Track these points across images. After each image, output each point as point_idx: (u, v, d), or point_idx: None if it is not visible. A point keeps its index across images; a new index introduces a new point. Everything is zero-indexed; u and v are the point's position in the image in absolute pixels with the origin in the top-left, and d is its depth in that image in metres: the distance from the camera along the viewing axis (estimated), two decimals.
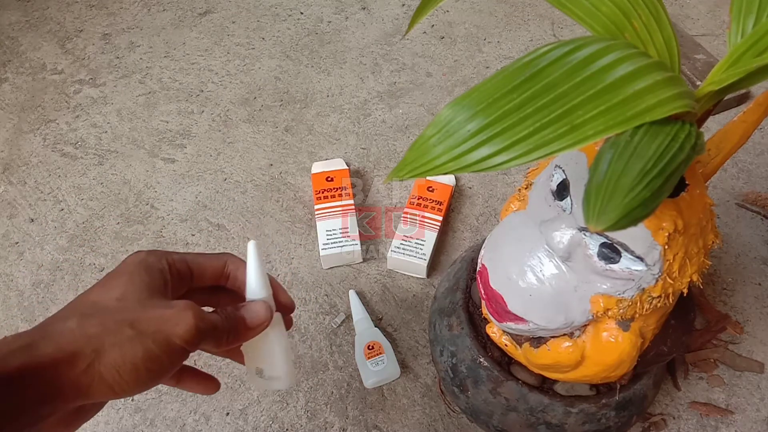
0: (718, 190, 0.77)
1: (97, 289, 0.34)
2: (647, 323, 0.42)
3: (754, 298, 0.68)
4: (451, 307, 0.53)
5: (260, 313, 0.37)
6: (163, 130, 0.85)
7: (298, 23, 0.99)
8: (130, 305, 0.32)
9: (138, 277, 0.34)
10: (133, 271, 0.34)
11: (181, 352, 0.33)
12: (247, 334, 0.37)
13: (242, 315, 0.37)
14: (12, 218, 0.77)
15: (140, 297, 0.33)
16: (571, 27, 0.97)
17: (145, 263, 0.35)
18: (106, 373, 0.30)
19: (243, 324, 0.36)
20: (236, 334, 0.36)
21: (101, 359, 0.30)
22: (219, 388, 0.41)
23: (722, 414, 0.60)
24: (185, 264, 0.37)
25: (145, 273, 0.34)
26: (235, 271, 0.39)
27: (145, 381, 0.32)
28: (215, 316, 0.35)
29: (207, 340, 0.34)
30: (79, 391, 0.30)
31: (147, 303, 0.33)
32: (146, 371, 0.31)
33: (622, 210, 0.25)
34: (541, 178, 0.43)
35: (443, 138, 0.28)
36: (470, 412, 0.52)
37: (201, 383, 0.41)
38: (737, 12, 0.35)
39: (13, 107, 0.88)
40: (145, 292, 0.33)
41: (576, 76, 0.28)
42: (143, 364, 0.31)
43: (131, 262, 0.35)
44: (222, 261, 0.39)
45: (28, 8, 1.02)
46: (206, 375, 0.41)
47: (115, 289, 0.33)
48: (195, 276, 0.38)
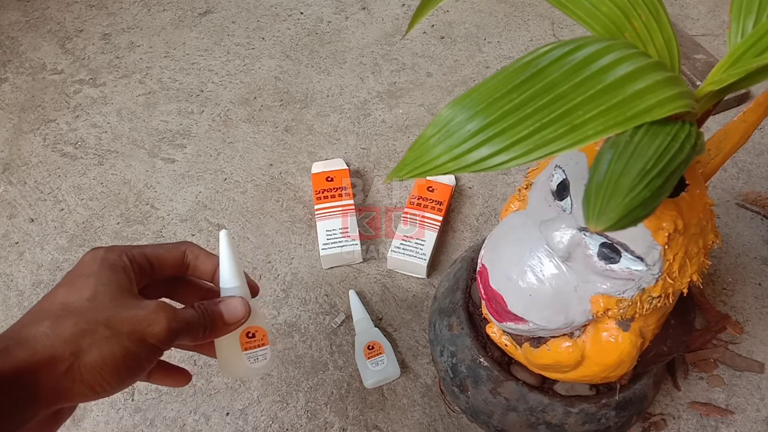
0: (718, 190, 0.77)
1: (63, 290, 0.33)
2: (647, 323, 0.42)
3: (754, 298, 0.68)
4: (451, 307, 0.53)
5: (238, 310, 0.37)
6: (163, 130, 0.85)
7: (298, 23, 0.99)
8: (102, 305, 0.32)
9: (105, 277, 0.34)
10: (99, 271, 0.34)
11: (156, 351, 0.33)
12: (224, 330, 0.37)
13: (219, 310, 0.37)
14: (12, 218, 0.77)
15: (111, 297, 0.33)
16: (571, 27, 0.97)
17: (107, 261, 0.35)
18: (87, 374, 0.30)
19: (221, 319, 0.37)
20: (213, 330, 0.36)
21: (81, 361, 0.30)
22: (190, 380, 0.41)
23: (722, 414, 0.61)
24: (144, 258, 0.37)
25: (110, 271, 0.34)
26: (194, 260, 0.39)
27: (125, 378, 0.32)
28: (190, 312, 0.35)
29: (182, 336, 0.34)
30: (59, 394, 0.30)
31: (119, 303, 0.33)
32: (126, 369, 0.32)
33: (622, 210, 0.25)
34: (541, 178, 0.43)
35: (443, 138, 0.28)
36: (470, 412, 0.52)
37: (171, 376, 0.40)
38: (737, 12, 0.35)
39: (13, 107, 0.88)
40: (116, 292, 0.33)
41: (576, 76, 0.28)
42: (123, 362, 0.31)
43: (92, 260, 0.35)
44: (180, 251, 0.39)
45: (28, 8, 1.02)
46: (176, 368, 0.41)
47: (84, 289, 0.33)
48: (155, 268, 0.38)
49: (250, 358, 0.39)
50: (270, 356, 0.40)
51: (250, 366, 0.39)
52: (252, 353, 0.39)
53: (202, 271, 0.40)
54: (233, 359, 0.39)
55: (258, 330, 0.39)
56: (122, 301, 0.33)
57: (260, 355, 0.40)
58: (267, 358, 0.40)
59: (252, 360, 0.39)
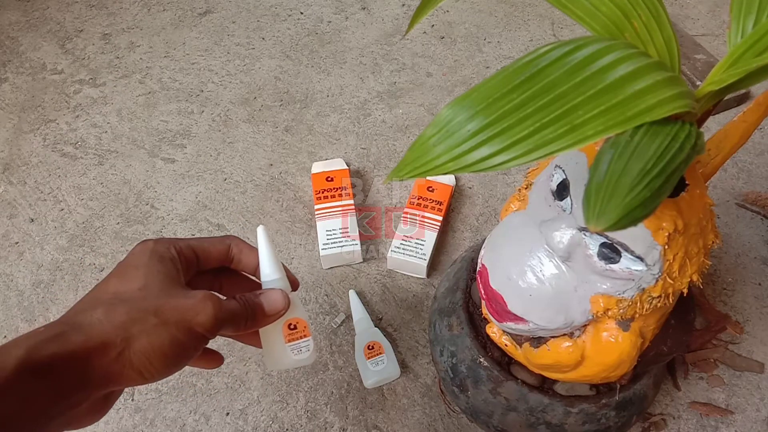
0: (718, 190, 0.77)
1: (115, 280, 0.35)
2: (647, 323, 0.42)
3: (754, 298, 0.68)
4: (451, 307, 0.53)
5: (278, 302, 0.39)
6: (163, 130, 0.85)
7: (298, 23, 0.99)
8: (152, 295, 0.34)
9: (154, 268, 0.35)
10: (148, 262, 0.35)
11: (202, 339, 0.35)
12: (264, 321, 0.39)
13: (260, 302, 0.38)
14: (12, 218, 0.77)
15: (161, 287, 0.34)
16: (571, 27, 0.97)
17: (157, 254, 0.36)
18: (136, 360, 0.32)
19: (261, 311, 0.38)
20: (254, 321, 0.38)
21: (131, 347, 0.32)
22: (222, 362, 0.43)
23: (722, 414, 0.61)
24: (191, 250, 0.39)
25: (160, 263, 0.36)
26: (239, 254, 0.41)
27: (171, 366, 0.34)
28: (234, 304, 0.37)
29: (226, 326, 0.36)
30: (111, 379, 0.32)
31: (168, 292, 0.34)
32: (174, 356, 0.33)
33: (622, 210, 0.25)
34: (541, 178, 0.43)
35: (443, 138, 0.28)
36: (470, 412, 0.52)
37: (205, 358, 0.42)
38: (737, 12, 0.35)
39: (13, 107, 0.88)
40: (164, 282, 0.35)
41: (576, 76, 0.28)
42: (170, 350, 0.33)
43: (142, 252, 0.36)
44: (226, 244, 0.41)
45: (28, 8, 1.02)
46: (210, 350, 0.42)
47: (134, 280, 0.35)
48: (201, 261, 0.39)
49: (294, 350, 0.40)
50: (312, 348, 0.41)
51: (294, 357, 0.40)
52: (295, 345, 0.40)
53: (246, 264, 0.41)
54: (278, 351, 0.40)
55: (299, 321, 0.41)
56: (171, 291, 0.35)
57: (303, 346, 0.41)
58: (310, 350, 0.41)
59: (296, 351, 0.40)
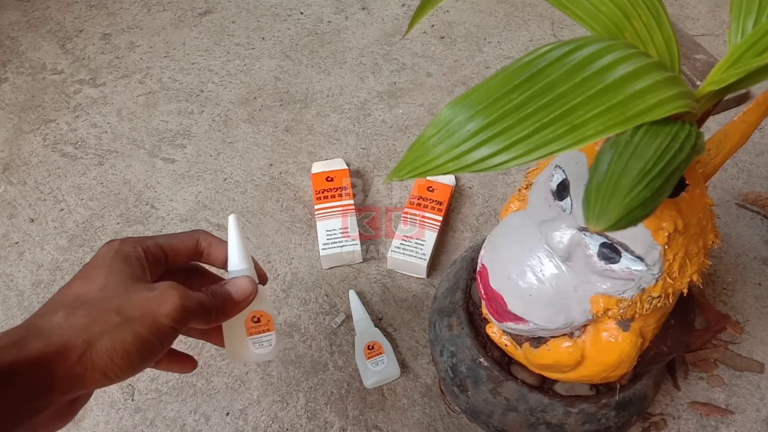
0: (718, 190, 0.77)
1: (78, 282, 0.34)
2: (647, 323, 0.42)
3: (754, 298, 0.68)
4: (451, 307, 0.53)
5: (245, 287, 0.38)
6: (163, 130, 0.85)
7: (298, 23, 0.99)
8: (113, 293, 0.33)
9: (117, 267, 0.34)
10: (111, 262, 0.35)
11: (170, 331, 0.34)
12: (234, 309, 0.38)
13: (228, 290, 0.38)
14: (12, 218, 0.77)
15: (122, 285, 0.34)
16: (571, 27, 0.97)
17: (121, 253, 0.35)
18: (99, 361, 0.31)
19: (230, 299, 0.37)
20: (223, 310, 0.37)
21: (92, 348, 0.31)
22: (196, 367, 0.42)
23: (722, 414, 0.61)
24: (159, 248, 0.38)
25: (123, 262, 0.35)
26: (207, 247, 0.40)
27: (137, 364, 0.33)
28: (200, 294, 0.36)
29: (195, 318, 0.35)
30: (73, 382, 0.31)
31: (130, 289, 0.34)
32: (137, 354, 0.32)
33: (622, 210, 0.25)
34: (541, 178, 0.43)
35: (443, 138, 0.28)
36: (470, 412, 0.52)
37: (177, 362, 0.41)
38: (737, 12, 0.35)
39: (13, 107, 0.88)
40: (127, 280, 0.34)
41: (576, 76, 0.28)
42: (134, 347, 0.32)
43: (106, 252, 0.36)
44: (194, 239, 0.40)
45: (28, 8, 1.02)
46: (182, 354, 0.41)
47: (96, 280, 0.34)
48: (169, 258, 0.39)
49: (255, 344, 0.40)
50: (275, 342, 0.41)
51: (255, 351, 0.40)
52: (257, 338, 0.40)
53: (215, 258, 0.41)
54: (239, 344, 0.40)
55: (263, 315, 0.40)
56: (133, 287, 0.34)
57: (265, 340, 0.40)
58: (272, 345, 0.40)
59: (257, 345, 0.40)
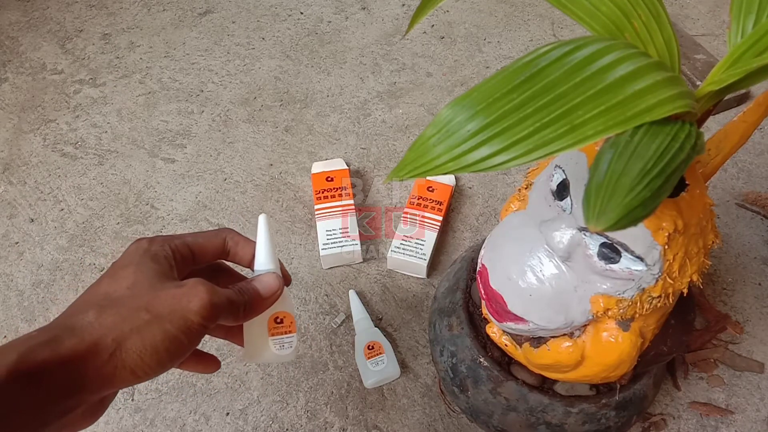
0: (718, 190, 0.77)
1: (107, 281, 0.35)
2: (647, 323, 0.42)
3: (754, 298, 0.68)
4: (451, 307, 0.53)
5: (272, 283, 0.39)
6: (163, 130, 0.85)
7: (298, 23, 0.99)
8: (142, 292, 0.33)
9: (146, 266, 0.35)
10: (140, 261, 0.35)
11: (199, 328, 0.34)
12: (261, 305, 0.38)
13: (255, 286, 0.38)
14: (12, 218, 0.77)
15: (150, 283, 0.34)
16: (571, 27, 0.97)
17: (149, 252, 0.36)
18: (129, 359, 0.31)
19: (257, 295, 0.38)
20: (251, 306, 0.37)
21: (122, 347, 0.31)
22: (219, 367, 0.42)
23: (722, 414, 0.61)
24: (186, 246, 0.38)
25: (152, 261, 0.35)
26: (234, 246, 0.41)
27: (166, 362, 0.33)
28: (228, 290, 0.36)
29: (223, 314, 0.35)
30: (104, 381, 0.31)
31: (158, 287, 0.34)
32: (166, 353, 0.32)
33: (622, 210, 0.25)
34: (541, 178, 0.43)
35: (443, 138, 0.28)
36: (470, 412, 0.52)
37: (201, 362, 0.41)
38: (737, 12, 0.35)
39: (13, 107, 0.88)
40: (155, 278, 0.34)
41: (576, 76, 0.28)
42: (163, 345, 0.32)
43: (135, 251, 0.36)
44: (221, 238, 0.40)
45: (28, 8, 1.02)
46: (206, 354, 0.42)
47: (124, 279, 0.34)
48: (196, 256, 0.39)
49: (276, 344, 0.40)
50: (296, 344, 0.41)
51: (275, 352, 0.40)
52: (278, 339, 0.40)
53: (242, 256, 0.41)
54: (260, 344, 0.40)
55: (286, 316, 0.40)
56: (161, 285, 0.34)
57: (286, 342, 0.40)
58: (293, 346, 0.40)
59: (278, 346, 0.40)
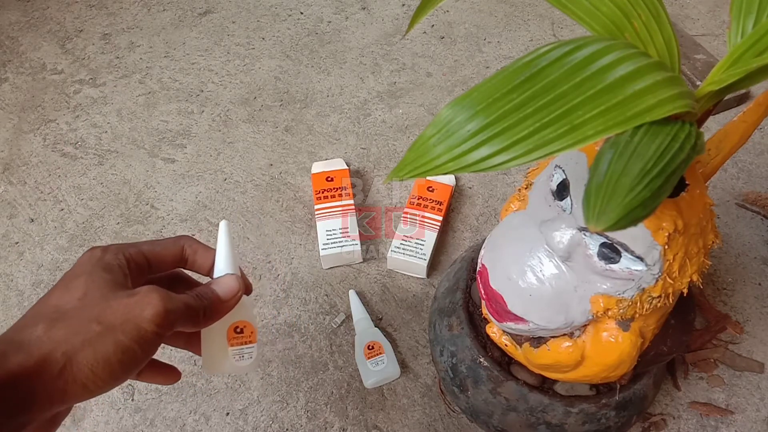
0: (718, 190, 0.77)
1: (58, 293, 0.33)
2: (647, 323, 0.42)
3: (754, 298, 0.68)
4: (451, 307, 0.53)
5: (231, 285, 0.37)
6: (163, 130, 0.85)
7: (298, 23, 0.99)
8: (93, 302, 0.32)
9: (97, 276, 0.33)
10: (92, 270, 0.34)
11: (153, 337, 0.32)
12: (222, 308, 0.37)
13: (213, 290, 0.36)
14: (12, 218, 0.77)
15: (102, 293, 0.32)
16: (571, 27, 0.97)
17: (102, 261, 0.34)
18: (80, 374, 0.30)
19: (217, 299, 0.36)
20: (211, 310, 0.36)
21: (73, 361, 0.30)
22: (180, 378, 0.41)
23: (722, 414, 0.61)
24: (142, 255, 0.37)
25: (104, 271, 0.34)
26: (193, 254, 0.39)
27: (119, 375, 0.31)
28: (184, 296, 0.34)
29: (180, 321, 0.33)
30: (54, 397, 0.30)
31: (110, 297, 0.32)
32: (119, 364, 0.31)
33: (622, 210, 0.25)
34: (541, 178, 0.43)
35: (443, 138, 0.28)
36: (470, 412, 0.52)
37: (161, 374, 0.40)
38: (737, 12, 0.35)
39: (13, 107, 0.88)
40: (107, 288, 0.33)
41: (576, 76, 0.28)
42: (115, 357, 0.31)
43: (87, 261, 0.34)
44: (179, 245, 0.39)
45: (28, 8, 1.02)
46: (165, 365, 0.40)
47: (75, 290, 0.33)
48: (153, 265, 0.37)
49: (236, 355, 0.38)
50: (256, 355, 0.39)
51: (234, 363, 0.38)
52: (238, 350, 0.38)
53: (200, 265, 0.39)
54: (218, 354, 0.38)
55: (247, 325, 0.38)
56: (113, 295, 0.32)
57: (246, 352, 0.38)
58: (253, 357, 0.39)
59: (237, 357, 0.38)
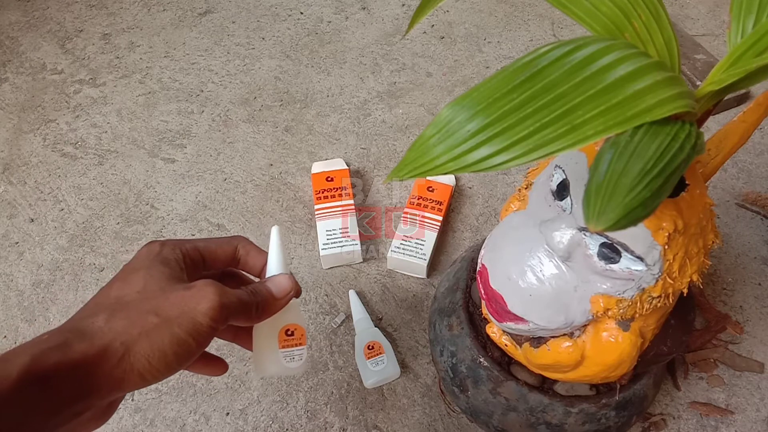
0: (718, 190, 0.77)
1: (118, 284, 0.35)
2: (647, 323, 0.42)
3: (754, 298, 0.68)
4: (451, 307, 0.53)
5: (285, 284, 0.38)
6: (163, 130, 0.85)
7: (298, 23, 0.99)
8: (151, 295, 0.33)
9: (156, 270, 0.35)
10: (150, 264, 0.35)
11: (208, 330, 0.33)
12: (274, 306, 0.38)
13: (268, 287, 0.38)
14: (12, 218, 0.77)
15: (160, 286, 0.34)
16: (571, 27, 0.97)
17: (160, 256, 0.36)
18: (137, 363, 0.31)
19: (270, 295, 0.38)
20: (264, 306, 0.37)
21: (131, 351, 0.31)
22: (227, 370, 0.42)
23: (722, 414, 0.61)
24: (197, 251, 0.38)
25: (162, 264, 0.35)
26: (245, 255, 0.40)
27: (174, 366, 0.33)
28: (239, 291, 0.36)
29: (234, 315, 0.35)
30: (113, 385, 0.31)
31: (167, 289, 0.34)
32: (174, 356, 0.32)
33: (622, 210, 0.25)
34: (541, 178, 0.43)
35: (443, 138, 0.28)
36: (470, 412, 0.52)
37: (210, 365, 0.41)
38: (737, 12, 0.35)
39: (13, 107, 0.88)
40: (164, 282, 0.34)
41: (576, 76, 0.28)
42: (171, 349, 0.32)
43: (146, 255, 0.36)
44: (233, 245, 0.40)
45: (28, 8, 1.02)
46: (214, 357, 0.42)
47: (135, 283, 0.34)
48: (207, 262, 0.39)
49: (286, 357, 0.39)
50: (305, 357, 0.40)
51: (285, 365, 0.39)
52: (289, 352, 0.39)
53: (252, 266, 0.41)
54: (270, 355, 0.39)
55: (297, 328, 0.40)
56: (170, 288, 0.34)
57: (296, 354, 0.39)
58: (303, 359, 0.40)
59: (288, 359, 0.39)
